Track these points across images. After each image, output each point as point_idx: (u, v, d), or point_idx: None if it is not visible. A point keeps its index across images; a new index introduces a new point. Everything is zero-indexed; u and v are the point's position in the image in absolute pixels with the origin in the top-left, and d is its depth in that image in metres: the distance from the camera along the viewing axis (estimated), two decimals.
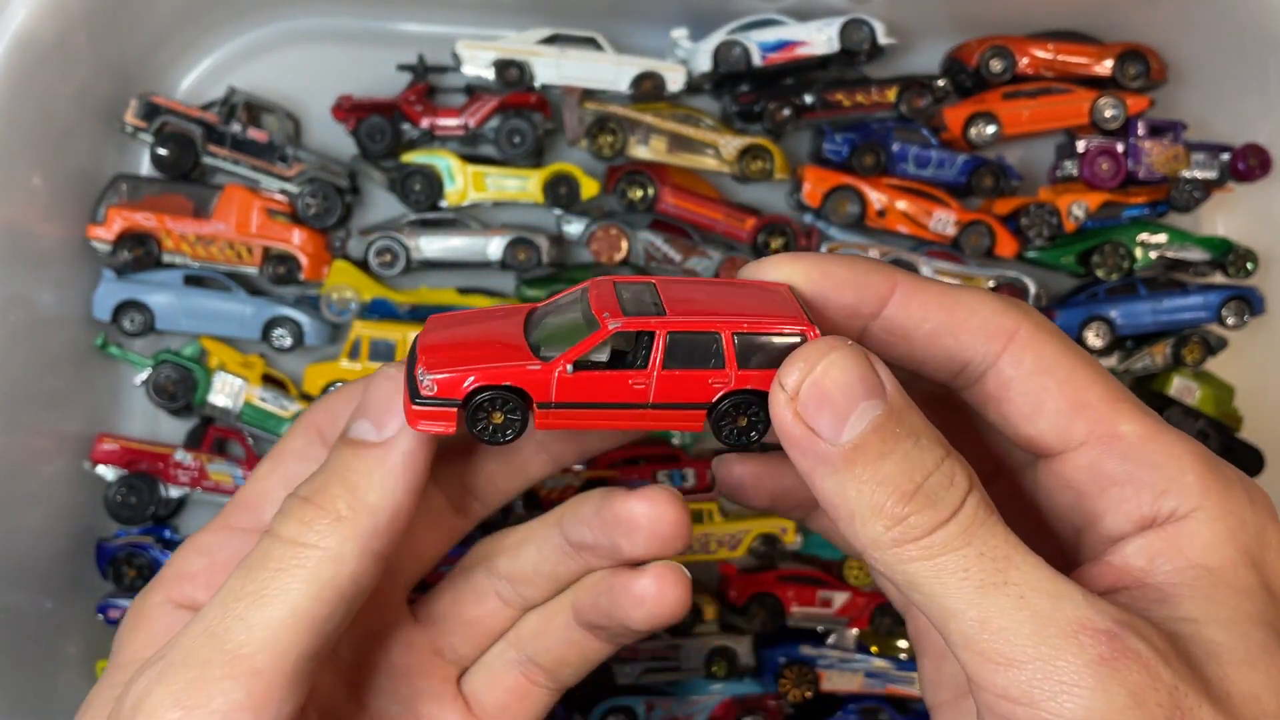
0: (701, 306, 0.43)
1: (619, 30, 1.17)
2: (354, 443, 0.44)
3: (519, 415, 0.43)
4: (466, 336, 0.45)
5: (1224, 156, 1.21)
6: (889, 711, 1.22)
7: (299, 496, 0.43)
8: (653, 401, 0.43)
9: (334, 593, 0.42)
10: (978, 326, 0.46)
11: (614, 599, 0.50)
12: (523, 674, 0.55)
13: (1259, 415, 1.26)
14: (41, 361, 1.06)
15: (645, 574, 0.49)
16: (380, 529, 0.43)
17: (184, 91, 1.16)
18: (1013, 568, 0.40)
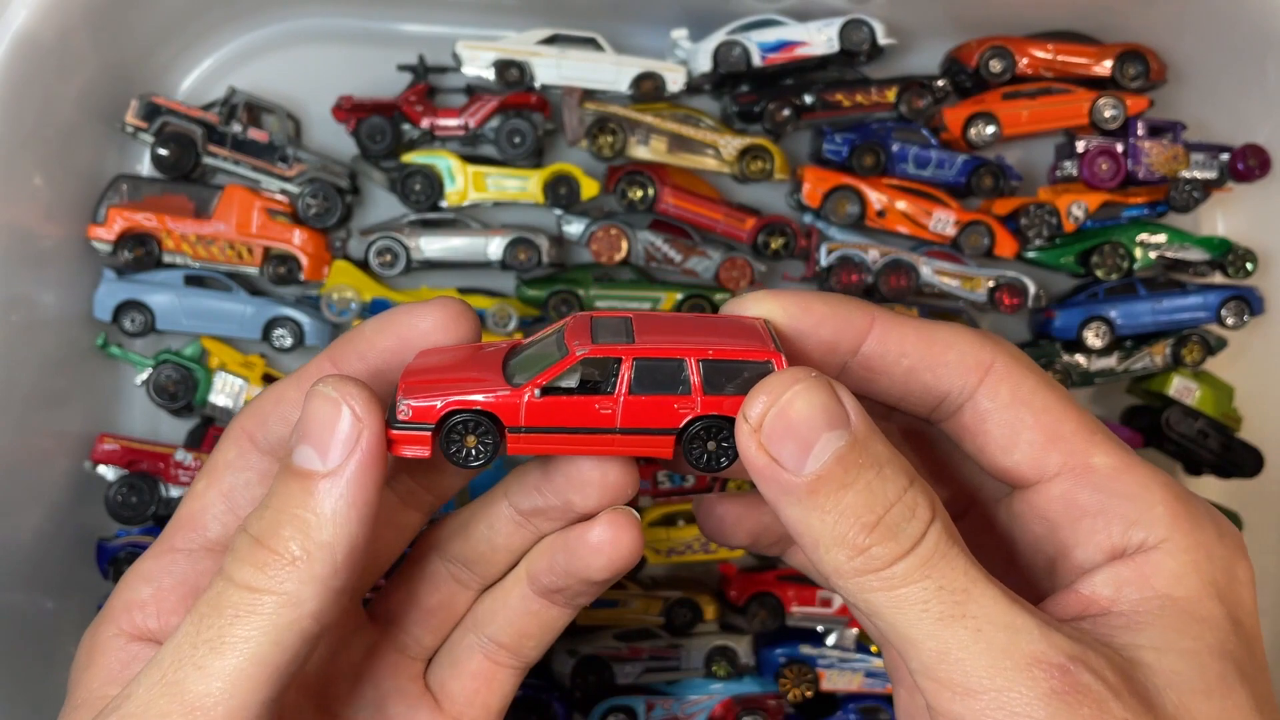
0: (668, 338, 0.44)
1: (619, 31, 1.17)
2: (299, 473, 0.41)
3: (491, 439, 0.44)
4: (445, 366, 0.45)
5: (1223, 157, 1.21)
6: (889, 711, 1.22)
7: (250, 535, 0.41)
8: (620, 427, 0.44)
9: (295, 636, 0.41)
10: (954, 361, 0.47)
11: (571, 554, 0.50)
12: (486, 656, 0.54)
13: (1259, 415, 1.26)
14: (42, 361, 1.06)
15: (597, 523, 0.49)
16: (339, 566, 0.41)
17: (185, 92, 1.16)
18: (971, 600, 0.41)
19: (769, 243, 1.18)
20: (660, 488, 1.19)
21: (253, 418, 0.48)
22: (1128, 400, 1.29)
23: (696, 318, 0.48)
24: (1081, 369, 1.22)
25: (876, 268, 1.19)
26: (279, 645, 0.40)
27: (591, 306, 1.17)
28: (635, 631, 1.18)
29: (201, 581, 0.47)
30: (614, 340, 0.44)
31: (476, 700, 0.54)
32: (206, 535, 0.48)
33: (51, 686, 1.08)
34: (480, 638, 0.54)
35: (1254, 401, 1.26)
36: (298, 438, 0.42)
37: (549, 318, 1.18)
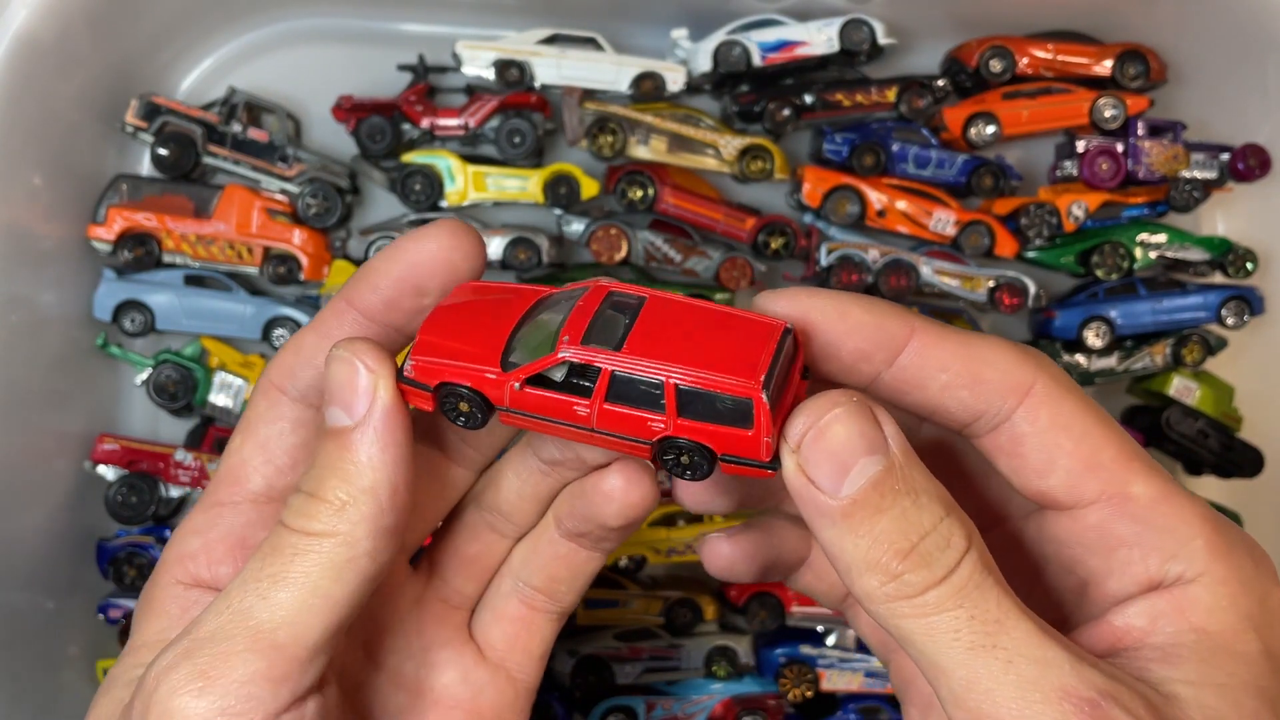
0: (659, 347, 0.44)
1: (619, 30, 1.17)
2: (332, 431, 0.45)
3: (481, 409, 0.46)
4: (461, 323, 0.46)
5: (1223, 156, 1.21)
6: (889, 711, 1.22)
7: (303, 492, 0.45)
8: (595, 428, 0.45)
9: (353, 572, 0.44)
10: (994, 380, 0.46)
11: (587, 501, 0.52)
12: (522, 601, 0.56)
13: (1259, 415, 1.26)
14: (42, 361, 1.06)
15: (610, 472, 0.51)
16: (384, 506, 0.44)
17: (185, 92, 1.16)
18: (1003, 632, 0.41)
19: (769, 242, 1.18)
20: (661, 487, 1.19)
21: (278, 369, 0.50)
22: (1128, 400, 1.29)
23: (710, 315, 0.46)
24: (1082, 369, 1.22)
25: (876, 268, 1.19)
26: (338, 580, 0.43)
27: None
28: (635, 631, 1.18)
29: (246, 532, 0.49)
30: (604, 342, 0.44)
31: (517, 645, 0.56)
32: (248, 488, 0.50)
33: (52, 686, 1.08)
34: (516, 583, 0.56)
35: (1254, 401, 1.26)
36: (325, 401, 0.45)
37: None
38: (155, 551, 1.13)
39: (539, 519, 0.56)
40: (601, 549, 0.56)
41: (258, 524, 0.49)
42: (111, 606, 1.13)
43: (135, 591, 1.13)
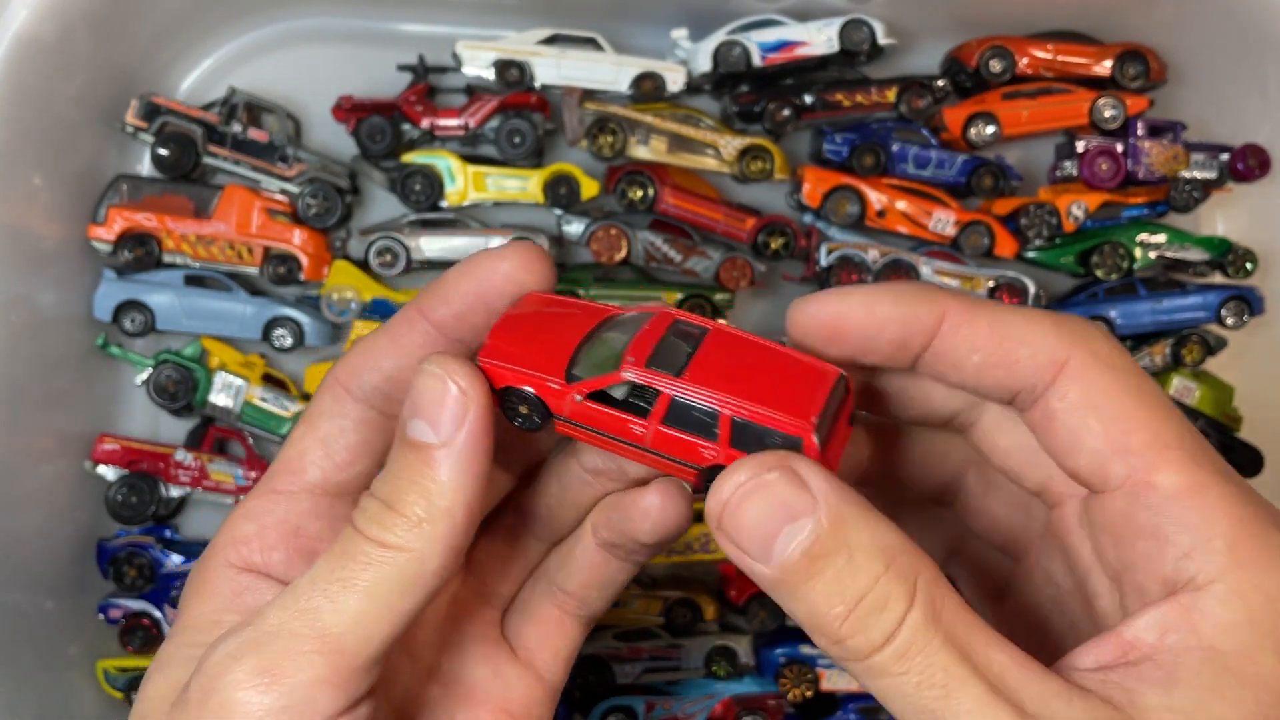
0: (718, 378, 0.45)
1: (619, 30, 1.17)
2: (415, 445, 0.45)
3: (540, 414, 0.47)
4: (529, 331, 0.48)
5: (1223, 157, 1.21)
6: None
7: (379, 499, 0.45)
8: (649, 447, 0.46)
9: (420, 586, 0.44)
10: (1028, 358, 0.45)
11: (624, 515, 0.53)
12: (554, 604, 0.58)
13: (1259, 415, 1.26)
14: (42, 362, 1.06)
15: (649, 491, 0.52)
16: (458, 526, 0.45)
17: (185, 92, 1.16)
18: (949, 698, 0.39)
19: (769, 243, 1.18)
20: None
21: (346, 369, 0.51)
22: None
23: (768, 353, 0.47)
24: None
25: (876, 268, 1.19)
26: (404, 593, 0.44)
27: None
28: (635, 631, 1.18)
29: (300, 521, 0.50)
30: (666, 367, 0.45)
31: (547, 646, 0.57)
32: (305, 479, 0.51)
33: (52, 686, 1.08)
34: (550, 586, 0.57)
35: (1254, 402, 1.26)
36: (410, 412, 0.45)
37: None
38: (155, 552, 1.13)
39: (576, 525, 0.57)
40: (633, 561, 0.57)
41: (311, 514, 0.50)
42: (111, 606, 1.13)
43: (135, 592, 1.13)
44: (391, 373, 0.50)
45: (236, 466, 1.15)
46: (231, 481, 1.14)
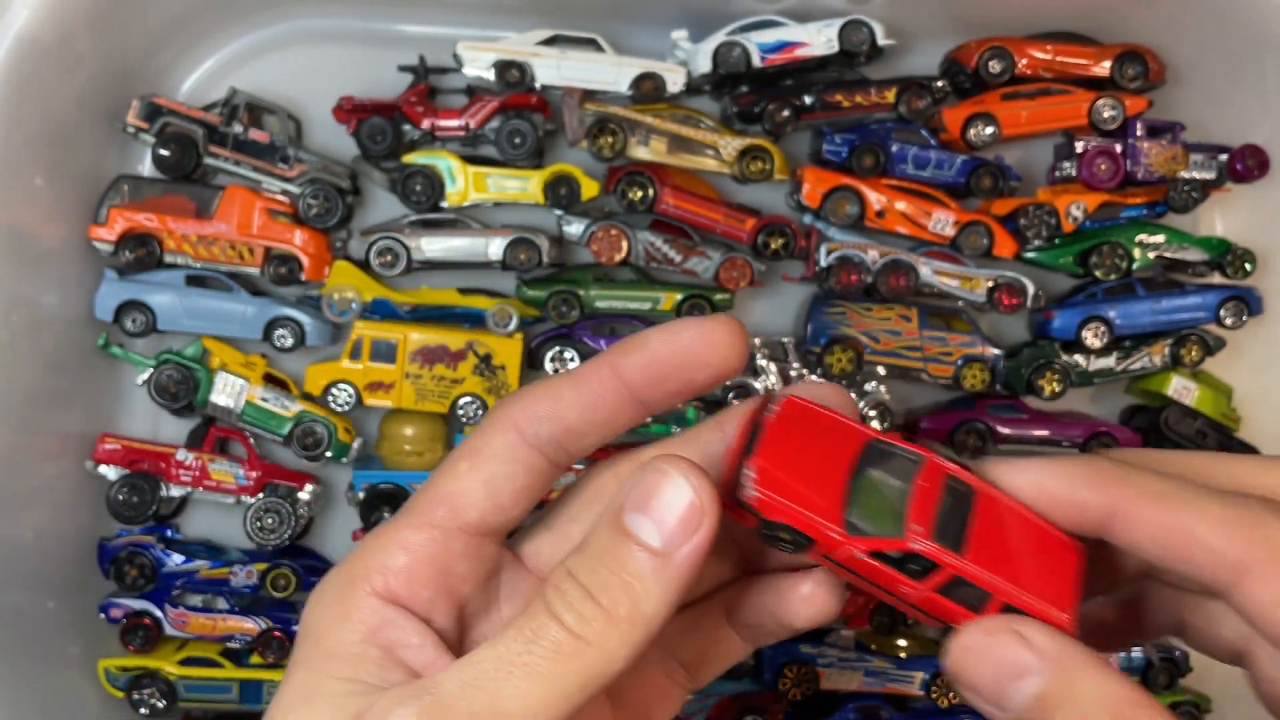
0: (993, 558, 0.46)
1: (619, 31, 1.17)
2: (634, 540, 0.44)
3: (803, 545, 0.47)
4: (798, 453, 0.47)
5: (1222, 157, 1.21)
6: (888, 710, 1.22)
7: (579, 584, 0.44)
8: (917, 606, 0.48)
9: (597, 684, 0.43)
10: (1205, 558, 0.45)
11: (780, 600, 0.52)
12: (665, 673, 0.56)
13: (1257, 415, 1.26)
14: (44, 362, 1.06)
15: (810, 578, 0.52)
16: (651, 635, 0.44)
17: (186, 92, 1.16)
18: None
19: (769, 243, 1.19)
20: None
21: (524, 412, 0.49)
22: (1127, 400, 1.30)
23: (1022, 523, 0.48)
24: (1081, 369, 1.22)
25: (876, 268, 1.19)
26: (584, 690, 0.43)
27: (592, 306, 1.18)
28: None
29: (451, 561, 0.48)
30: (948, 541, 0.46)
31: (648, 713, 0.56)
32: (463, 518, 0.49)
33: (53, 685, 1.08)
34: (664, 654, 0.56)
35: (1252, 401, 1.26)
36: (637, 506, 0.44)
37: (549, 318, 1.18)
38: (157, 551, 1.13)
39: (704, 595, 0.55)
40: (757, 644, 0.56)
41: (463, 555, 0.48)
42: (113, 606, 1.13)
43: (136, 591, 1.13)
44: (572, 424, 0.48)
45: (237, 466, 1.15)
46: (232, 481, 1.15)
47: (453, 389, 1.15)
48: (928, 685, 1.21)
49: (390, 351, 1.15)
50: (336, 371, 1.15)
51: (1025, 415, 1.23)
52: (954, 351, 1.21)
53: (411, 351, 1.15)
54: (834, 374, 1.19)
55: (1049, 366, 1.20)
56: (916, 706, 1.23)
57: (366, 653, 0.46)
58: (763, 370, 1.18)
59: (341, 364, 1.15)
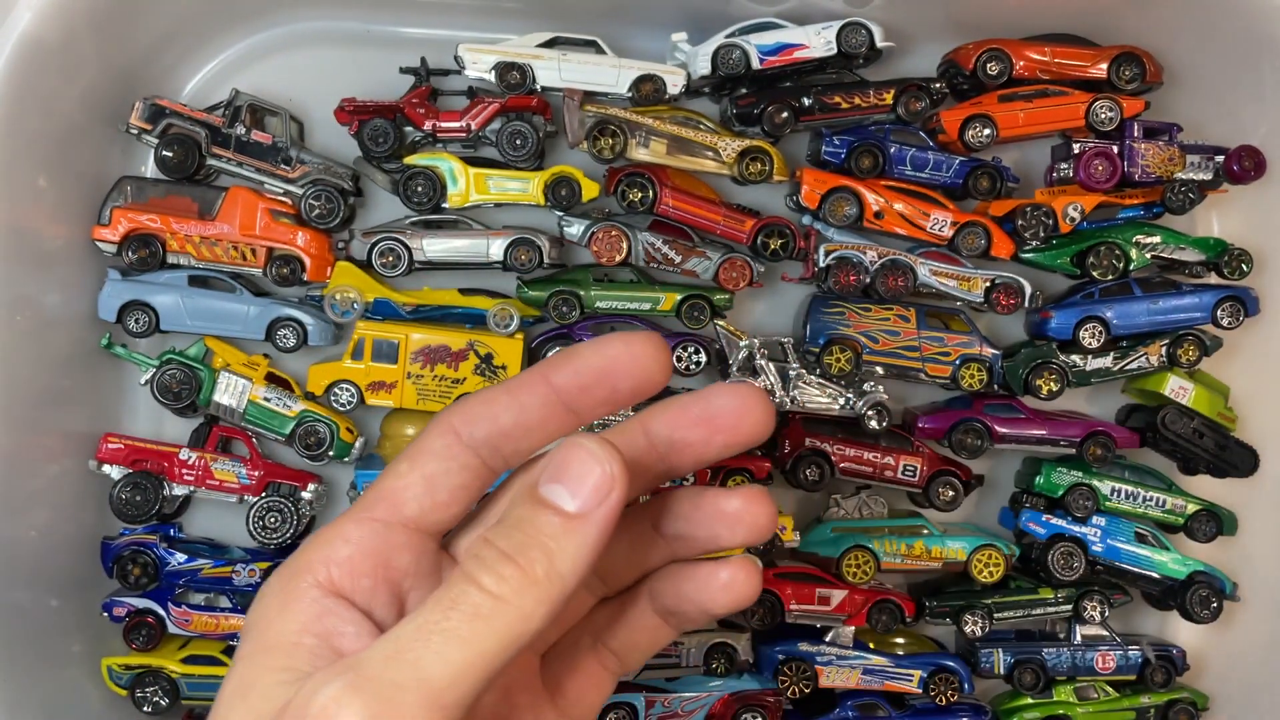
0: None
1: (619, 34, 1.18)
2: (549, 506, 0.46)
3: None
4: None
5: (1218, 158, 1.21)
6: (886, 707, 1.23)
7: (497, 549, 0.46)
8: None
9: (516, 644, 0.45)
10: None
11: (699, 586, 0.55)
12: (597, 660, 0.59)
13: (1254, 415, 1.27)
14: (47, 361, 1.07)
15: (729, 565, 0.54)
16: (566, 593, 0.46)
17: (189, 94, 1.17)
18: None
19: (768, 244, 1.19)
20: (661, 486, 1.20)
21: (461, 415, 0.52)
22: (1124, 400, 1.30)
23: None
24: (1078, 369, 1.23)
25: (874, 268, 1.20)
26: (503, 649, 0.45)
27: (592, 306, 1.18)
28: None
29: (391, 553, 0.51)
30: None
31: (584, 699, 0.58)
32: (403, 512, 0.52)
33: (56, 683, 1.09)
34: (595, 642, 0.59)
35: (1250, 401, 1.27)
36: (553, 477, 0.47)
37: (550, 318, 1.19)
38: (159, 550, 1.14)
39: (630, 584, 0.58)
40: (680, 629, 0.58)
41: (403, 547, 0.51)
42: (116, 604, 1.14)
43: (139, 590, 1.14)
44: (506, 428, 0.51)
45: (240, 465, 1.16)
46: (235, 480, 1.15)
47: (454, 389, 1.15)
48: (926, 683, 1.22)
49: (392, 351, 1.15)
50: (339, 371, 1.16)
51: (1023, 415, 1.23)
52: (952, 351, 1.21)
53: (413, 351, 1.16)
54: (833, 374, 1.19)
55: (1046, 366, 1.21)
56: (915, 704, 1.23)
57: (302, 641, 0.48)
58: (762, 370, 1.18)
59: (343, 364, 1.16)
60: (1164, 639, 1.30)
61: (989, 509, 1.31)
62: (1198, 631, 1.28)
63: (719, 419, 0.52)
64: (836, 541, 1.21)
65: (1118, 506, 1.25)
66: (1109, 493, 1.25)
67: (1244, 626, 1.28)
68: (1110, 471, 1.26)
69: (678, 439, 0.53)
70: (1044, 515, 1.25)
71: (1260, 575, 1.27)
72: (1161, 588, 1.26)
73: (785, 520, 1.21)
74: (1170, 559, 1.25)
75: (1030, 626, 1.29)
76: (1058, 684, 1.26)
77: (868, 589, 1.21)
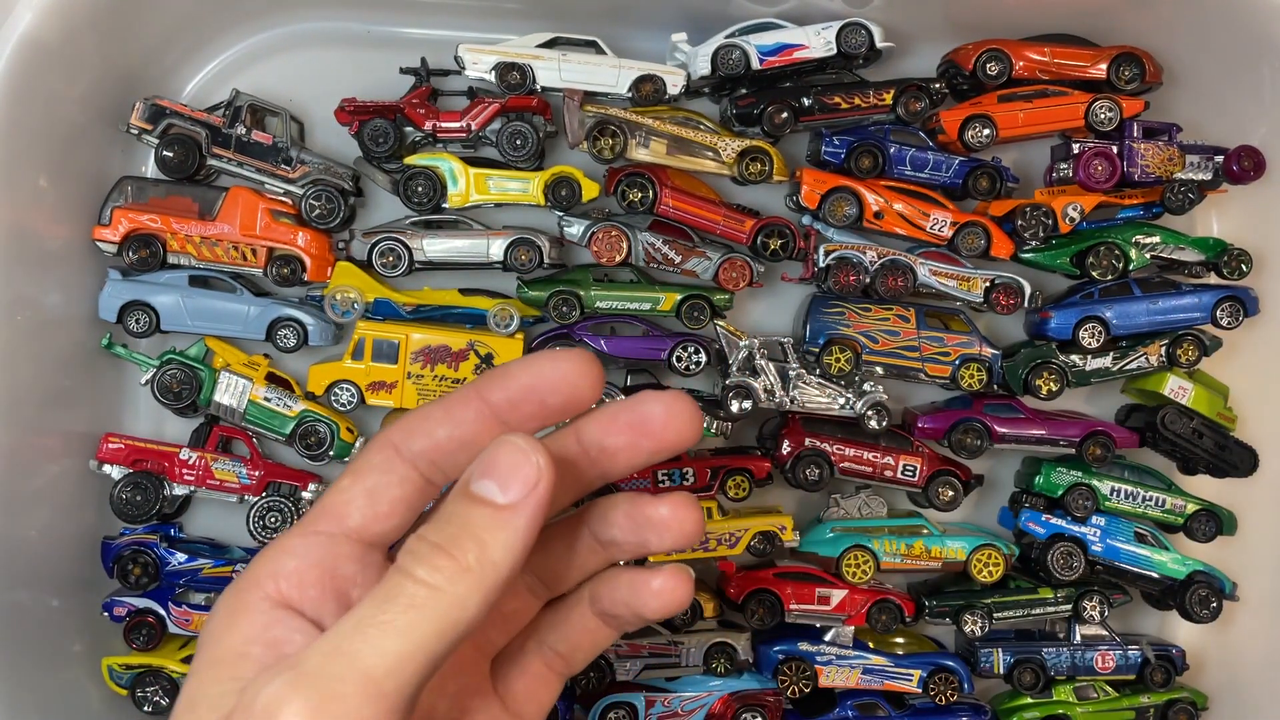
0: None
1: (619, 34, 1.18)
2: (480, 500, 0.48)
3: None
4: None
5: (1218, 158, 1.21)
6: (886, 707, 1.23)
7: (431, 542, 0.48)
8: None
9: (454, 633, 0.47)
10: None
11: (634, 592, 0.57)
12: (543, 662, 0.60)
13: (1254, 415, 1.27)
14: (48, 361, 1.07)
15: (660, 573, 0.56)
16: (501, 582, 0.47)
17: (189, 94, 1.17)
18: None
19: (768, 244, 1.19)
20: (660, 486, 1.20)
21: (400, 431, 0.54)
22: (1124, 400, 1.30)
23: None
24: (1078, 369, 1.23)
25: (874, 268, 1.20)
26: (441, 638, 0.46)
27: (592, 307, 1.19)
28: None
29: (337, 564, 0.52)
30: None
31: (533, 699, 0.60)
32: (346, 524, 0.53)
33: (57, 683, 1.09)
34: (541, 644, 0.61)
35: (1249, 401, 1.27)
36: (482, 472, 0.49)
37: (550, 318, 1.19)
38: (160, 550, 1.14)
39: (572, 587, 0.60)
40: (621, 630, 0.60)
41: (348, 558, 0.52)
42: (116, 604, 1.14)
43: (140, 589, 1.14)
44: (442, 442, 0.52)
45: (240, 465, 1.16)
46: (235, 480, 1.15)
47: (454, 389, 1.15)
48: (925, 683, 1.22)
49: (392, 351, 1.16)
50: (339, 371, 1.16)
51: (1022, 415, 1.24)
52: (951, 351, 1.21)
53: (413, 351, 1.16)
54: (832, 374, 1.19)
55: (1046, 366, 1.21)
56: (914, 704, 1.23)
57: (249, 651, 0.49)
58: (762, 370, 1.18)
59: (344, 364, 1.16)
60: (1163, 639, 1.30)
61: (989, 509, 1.31)
62: (1197, 631, 1.28)
63: (647, 425, 0.54)
64: (836, 541, 1.21)
65: (1117, 506, 1.25)
66: (1108, 493, 1.25)
67: (1243, 626, 1.28)
68: (1110, 471, 1.26)
69: (608, 444, 0.54)
70: (1044, 515, 1.25)
71: (1260, 575, 1.27)
72: (1161, 587, 1.26)
73: (785, 520, 1.21)
74: (1170, 559, 1.25)
75: (1030, 626, 1.29)
76: (1057, 684, 1.26)
77: (867, 589, 1.21)
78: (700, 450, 1.24)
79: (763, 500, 1.26)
